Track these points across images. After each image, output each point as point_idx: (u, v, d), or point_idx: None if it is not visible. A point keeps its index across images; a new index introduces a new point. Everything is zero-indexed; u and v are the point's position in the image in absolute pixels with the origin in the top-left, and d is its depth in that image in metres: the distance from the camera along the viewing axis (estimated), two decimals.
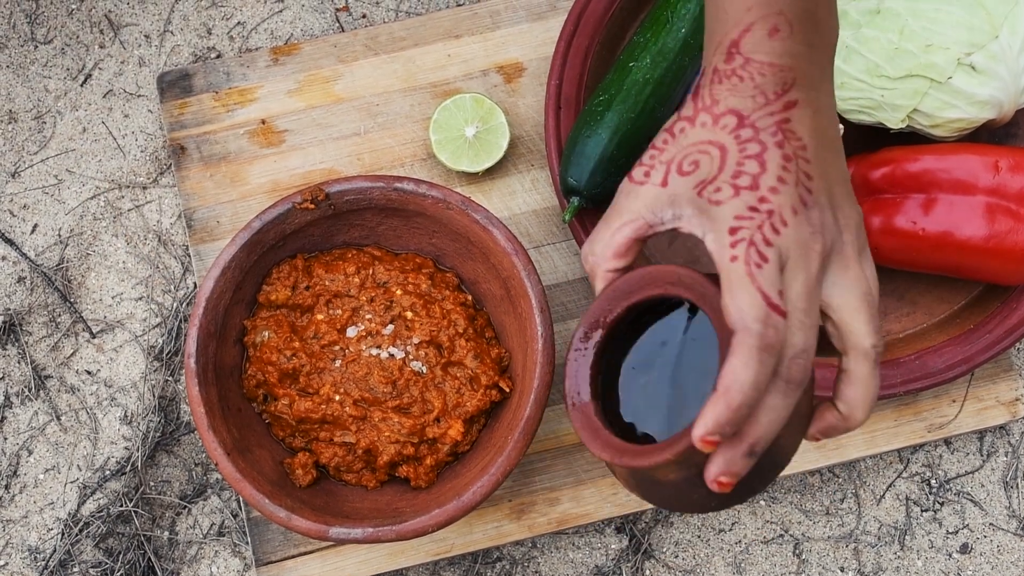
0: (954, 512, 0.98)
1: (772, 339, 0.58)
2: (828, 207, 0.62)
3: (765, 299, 0.58)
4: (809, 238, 0.61)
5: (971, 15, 0.84)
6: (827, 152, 0.63)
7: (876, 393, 0.63)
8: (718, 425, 0.58)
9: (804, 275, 0.60)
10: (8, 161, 1.01)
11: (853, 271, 0.63)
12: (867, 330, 0.62)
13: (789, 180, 0.61)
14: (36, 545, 0.96)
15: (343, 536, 0.81)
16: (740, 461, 0.59)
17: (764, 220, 0.60)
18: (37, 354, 0.99)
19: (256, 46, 1.04)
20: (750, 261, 0.59)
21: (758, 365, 0.58)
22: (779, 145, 0.61)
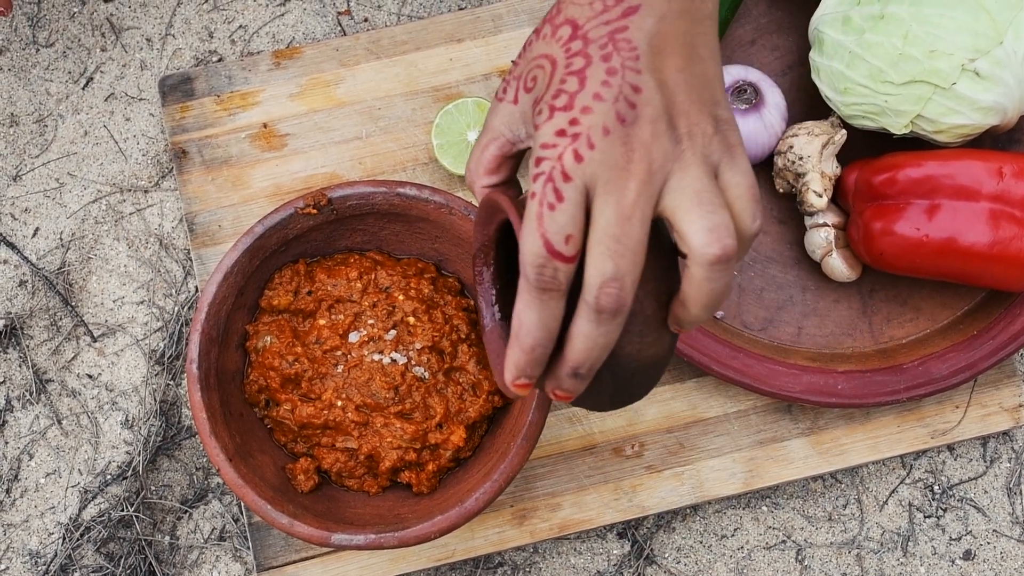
0: (957, 518, 0.98)
1: (549, 282, 0.57)
2: (659, 118, 0.58)
3: (546, 246, 0.57)
4: (621, 157, 0.57)
5: (975, 21, 0.84)
6: (671, 58, 0.59)
7: (713, 296, 0.59)
8: (519, 369, 0.59)
9: (615, 199, 0.57)
10: (9, 164, 1.01)
11: (690, 175, 0.58)
12: (696, 228, 0.58)
13: (607, 96, 0.57)
14: (37, 549, 0.96)
15: (345, 543, 0.81)
16: (568, 381, 0.60)
17: (567, 148, 0.57)
18: (38, 358, 0.98)
19: (258, 50, 1.04)
20: (543, 201, 0.57)
21: (539, 306, 0.58)
22: (605, 58, 0.58)
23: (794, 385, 0.92)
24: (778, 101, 0.95)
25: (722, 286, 0.59)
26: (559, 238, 0.57)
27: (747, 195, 0.60)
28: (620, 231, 0.57)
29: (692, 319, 0.60)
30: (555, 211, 0.57)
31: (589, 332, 0.58)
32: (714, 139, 0.59)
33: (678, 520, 0.97)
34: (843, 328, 0.96)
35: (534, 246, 0.57)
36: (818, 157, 0.93)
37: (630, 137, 0.57)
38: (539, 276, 0.57)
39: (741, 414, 0.96)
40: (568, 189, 0.57)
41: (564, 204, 0.57)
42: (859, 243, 0.91)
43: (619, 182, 0.57)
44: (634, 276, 0.57)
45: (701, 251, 0.57)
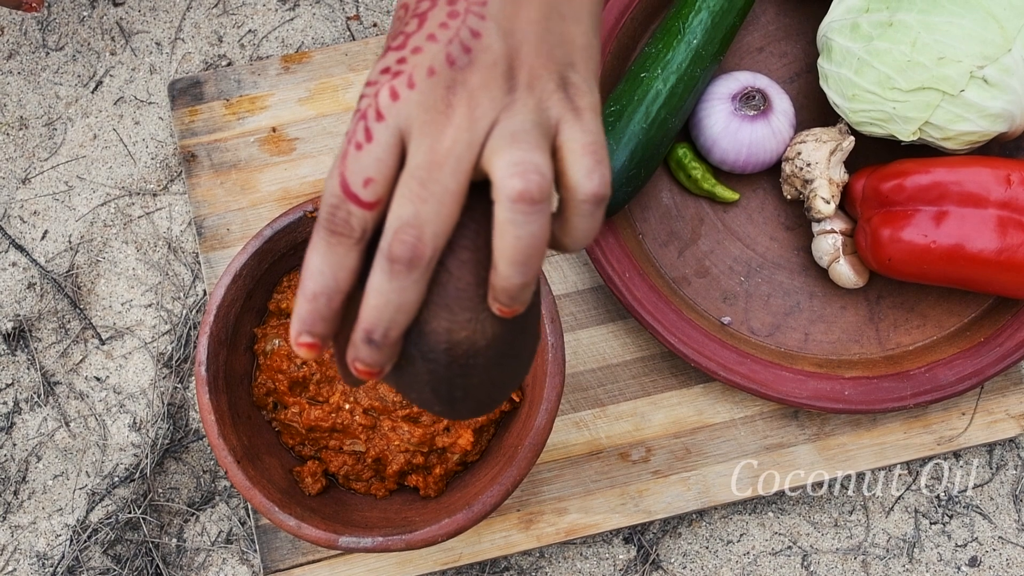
0: (963, 525, 0.98)
1: (340, 226, 0.53)
2: (495, 66, 0.54)
3: (342, 185, 0.53)
4: (441, 101, 0.53)
5: (984, 28, 0.84)
6: (526, 9, 0.55)
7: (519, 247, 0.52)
8: (301, 322, 0.54)
9: (428, 143, 0.53)
10: (19, 167, 1.02)
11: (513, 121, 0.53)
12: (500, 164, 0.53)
13: (442, 37, 0.53)
14: (44, 551, 0.96)
15: (353, 545, 0.81)
16: (361, 349, 0.54)
17: (385, 85, 0.53)
18: (46, 360, 0.99)
19: (267, 54, 1.04)
20: (352, 139, 0.53)
21: (326, 250, 0.53)
22: (451, 2, 0.54)
23: (801, 391, 0.93)
24: (786, 107, 0.95)
25: (528, 235, 0.52)
26: (358, 179, 0.53)
27: (582, 149, 0.54)
28: (427, 175, 0.52)
29: (502, 282, 0.53)
30: (361, 151, 0.53)
31: (381, 286, 0.53)
32: (555, 95, 0.54)
33: (684, 525, 0.97)
34: (850, 334, 0.97)
35: (331, 185, 0.53)
36: (826, 164, 0.93)
37: (455, 81, 0.53)
38: (330, 217, 0.53)
39: (748, 420, 0.96)
40: (379, 129, 0.53)
41: (372, 144, 0.53)
42: (866, 250, 0.92)
43: (435, 126, 0.53)
44: (437, 227, 0.52)
45: (501, 184, 0.52)
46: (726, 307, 0.97)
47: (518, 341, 0.57)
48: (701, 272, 0.97)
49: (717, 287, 0.97)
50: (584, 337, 0.97)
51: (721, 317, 0.96)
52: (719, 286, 0.97)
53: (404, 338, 0.54)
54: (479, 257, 0.54)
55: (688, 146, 0.97)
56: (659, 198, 0.98)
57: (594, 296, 0.98)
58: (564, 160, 0.54)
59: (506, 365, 0.57)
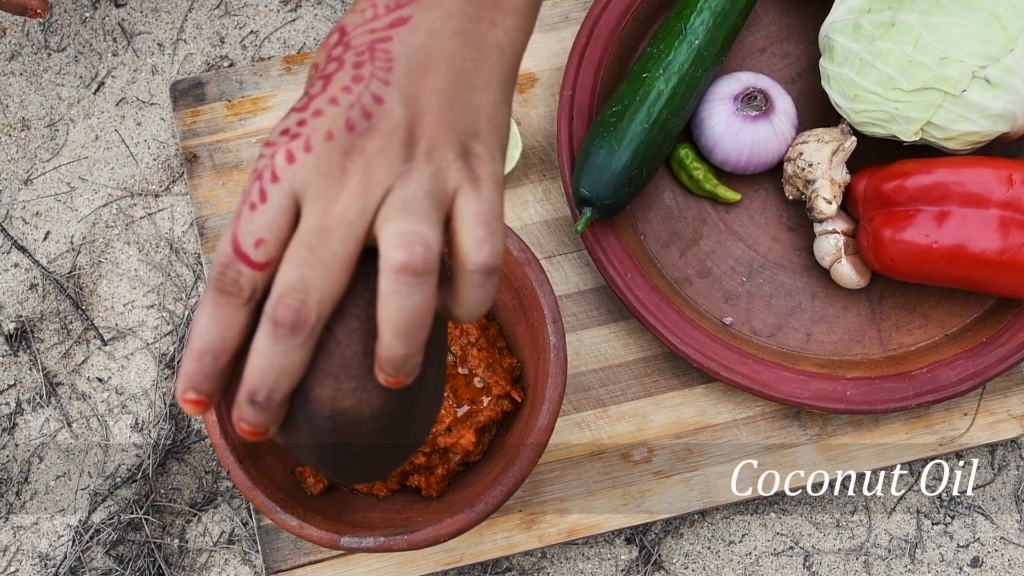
0: (965, 526, 0.98)
1: (230, 286, 0.52)
2: (394, 133, 0.53)
3: (233, 245, 0.52)
4: (336, 167, 0.52)
5: (986, 28, 0.84)
6: (432, 77, 0.55)
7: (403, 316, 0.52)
8: (187, 379, 0.53)
9: (320, 208, 0.52)
10: (21, 168, 1.02)
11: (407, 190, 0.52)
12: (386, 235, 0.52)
13: (343, 102, 0.53)
14: (47, 552, 0.96)
15: (355, 545, 0.81)
16: (246, 408, 0.53)
17: (283, 147, 0.53)
18: (49, 361, 0.99)
19: (269, 55, 1.04)
20: (247, 200, 0.52)
21: (214, 309, 0.52)
22: (357, 65, 0.54)
23: (802, 391, 0.93)
24: (788, 108, 0.96)
25: (412, 306, 0.52)
26: (249, 240, 0.52)
27: (474, 219, 0.54)
28: (316, 240, 0.52)
29: (387, 352, 0.53)
30: (255, 211, 0.52)
31: (264, 348, 0.52)
32: (454, 164, 0.54)
33: (686, 526, 0.97)
34: (852, 335, 0.97)
35: (223, 244, 0.52)
36: (828, 164, 0.93)
37: (353, 147, 0.53)
38: (220, 277, 0.52)
39: (749, 420, 0.96)
40: (274, 191, 0.52)
41: (265, 206, 0.52)
42: (868, 250, 0.92)
43: (329, 191, 0.52)
44: (323, 293, 0.52)
45: (386, 255, 0.52)
46: (728, 307, 0.97)
47: (409, 411, 0.56)
48: (703, 272, 0.97)
49: (719, 287, 0.97)
50: (586, 337, 0.97)
51: (723, 317, 0.96)
52: (721, 286, 0.97)
53: (290, 401, 0.54)
54: (369, 327, 0.53)
55: (690, 146, 0.97)
56: (661, 198, 0.98)
57: (596, 297, 0.98)
58: (456, 230, 0.54)
59: (395, 435, 0.56)
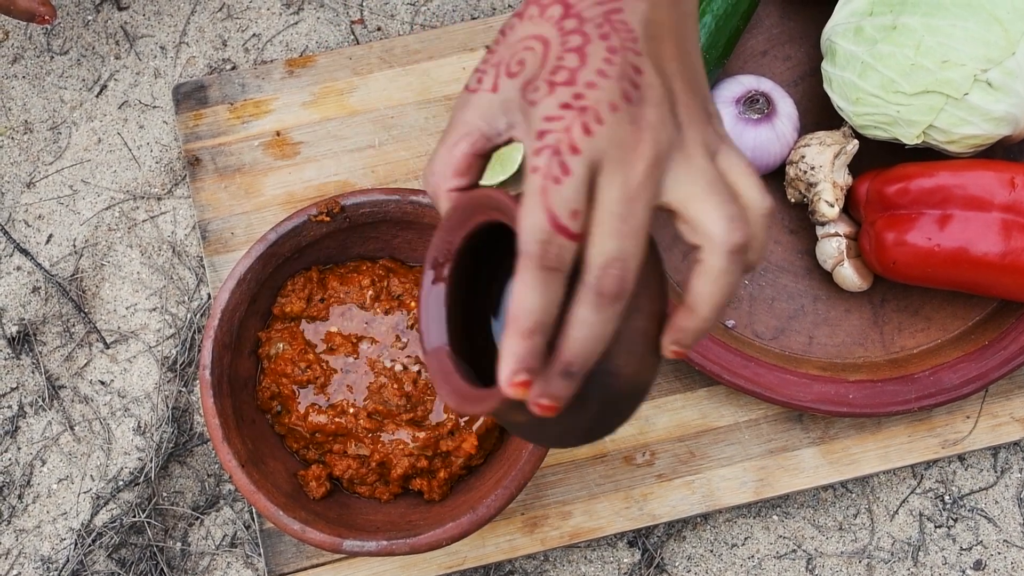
0: (968, 528, 0.98)
1: (554, 260, 0.53)
2: (663, 102, 0.56)
3: (551, 220, 0.52)
4: (629, 136, 0.54)
5: (988, 31, 0.84)
6: (665, 45, 0.57)
7: (727, 291, 0.56)
8: (520, 360, 0.53)
9: (621, 178, 0.54)
10: (23, 171, 1.02)
11: (697, 163, 0.56)
12: (716, 216, 0.55)
13: (612, 73, 0.54)
14: (49, 555, 0.96)
15: (357, 549, 0.81)
16: (556, 382, 0.54)
17: (575, 120, 0.53)
18: (51, 364, 0.99)
19: (271, 58, 1.04)
20: (549, 174, 0.53)
21: (542, 287, 0.53)
22: (604, 37, 0.55)
23: (805, 394, 0.93)
24: (790, 111, 0.96)
25: (736, 280, 0.56)
26: (565, 212, 0.53)
27: (751, 175, 0.58)
28: (626, 210, 0.53)
29: (699, 325, 0.56)
30: (561, 184, 0.53)
31: (588, 318, 0.53)
32: (708, 128, 0.57)
33: (688, 529, 0.97)
34: (854, 338, 0.96)
35: (538, 220, 0.52)
36: (830, 167, 0.93)
37: (637, 117, 0.54)
38: (543, 253, 0.52)
39: (752, 423, 0.96)
40: (575, 162, 0.53)
41: (571, 178, 0.53)
42: (870, 253, 0.92)
43: (627, 161, 0.54)
44: (637, 261, 0.54)
45: (723, 239, 0.55)
46: (730, 310, 0.97)
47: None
48: None
49: None
50: None
51: (725, 320, 0.96)
52: None
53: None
54: (650, 300, 0.57)
55: None
56: None
57: None
58: (737, 190, 0.58)
59: (646, 393, 0.61)
